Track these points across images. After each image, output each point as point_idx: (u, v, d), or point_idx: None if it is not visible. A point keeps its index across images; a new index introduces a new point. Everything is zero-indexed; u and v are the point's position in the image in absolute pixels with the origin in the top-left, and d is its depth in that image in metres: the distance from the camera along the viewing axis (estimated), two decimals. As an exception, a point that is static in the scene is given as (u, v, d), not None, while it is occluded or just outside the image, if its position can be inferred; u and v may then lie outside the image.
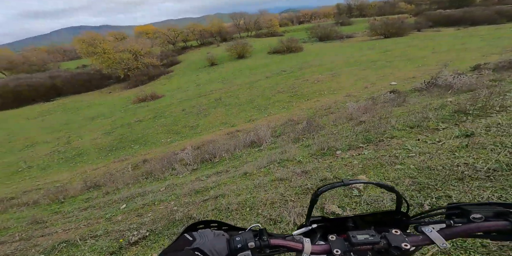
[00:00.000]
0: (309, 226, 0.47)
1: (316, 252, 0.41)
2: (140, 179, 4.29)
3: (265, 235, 0.43)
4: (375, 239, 0.39)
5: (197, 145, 6.84)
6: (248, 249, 0.41)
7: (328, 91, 9.62)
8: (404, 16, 28.15)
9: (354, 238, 0.40)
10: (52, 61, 42.82)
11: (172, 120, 9.58)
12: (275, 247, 0.43)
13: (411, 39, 18.89)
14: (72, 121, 11.72)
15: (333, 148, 3.18)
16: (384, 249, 0.39)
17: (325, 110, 7.36)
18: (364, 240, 0.39)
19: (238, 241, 0.41)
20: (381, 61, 12.04)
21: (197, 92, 13.23)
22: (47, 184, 5.73)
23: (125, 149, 7.97)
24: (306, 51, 22.68)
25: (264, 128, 5.67)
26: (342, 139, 3.44)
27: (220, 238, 0.43)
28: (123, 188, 3.78)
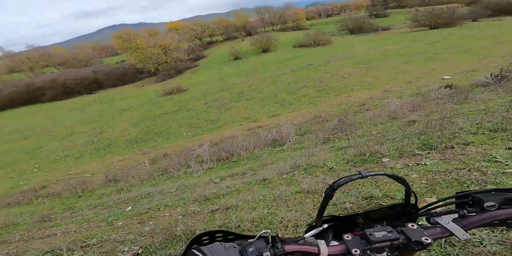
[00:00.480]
0: (321, 227, 0.44)
1: (333, 253, 0.39)
2: (155, 175, 4.14)
3: (278, 242, 0.40)
4: (394, 235, 0.38)
5: (216, 141, 6.58)
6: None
7: (362, 86, 8.59)
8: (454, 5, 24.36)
9: (372, 236, 0.38)
10: (96, 57, 47.21)
11: (194, 114, 9.52)
12: (290, 254, 0.40)
13: (465, 29, 16.18)
14: (106, 113, 12.51)
15: (377, 153, 2.53)
16: (402, 244, 0.38)
17: (358, 107, 6.49)
18: (383, 237, 0.38)
19: (251, 252, 0.38)
20: (428, 53, 10.41)
21: (220, 86, 13.07)
22: (77, 174, 6.00)
23: (149, 142, 8.12)
24: (335, 44, 21.07)
25: (287, 124, 5.12)
26: (388, 143, 2.75)
27: (232, 250, 0.40)
28: (137, 185, 3.62)
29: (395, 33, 21.54)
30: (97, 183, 4.07)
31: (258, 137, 5.08)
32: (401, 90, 7.18)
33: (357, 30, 27.00)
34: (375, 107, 6.18)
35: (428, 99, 5.02)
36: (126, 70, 27.81)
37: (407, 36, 17.73)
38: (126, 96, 17.03)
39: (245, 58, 22.47)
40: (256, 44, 23.75)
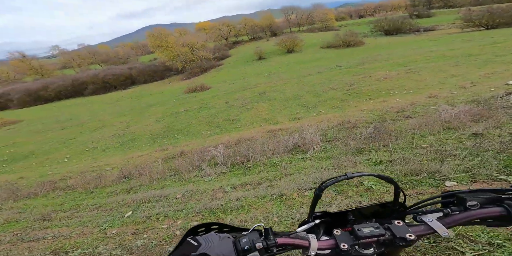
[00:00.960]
0: (313, 222, 0.46)
1: (322, 247, 0.41)
2: (166, 176, 3.92)
3: (271, 234, 0.42)
4: (380, 231, 0.39)
5: (234, 142, 6.26)
6: (255, 250, 0.40)
7: (400, 90, 7.59)
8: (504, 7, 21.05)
9: (359, 232, 0.40)
10: (133, 56, 51.09)
11: (215, 112, 9.37)
12: (281, 246, 0.43)
13: None
14: (135, 107, 13.10)
15: (437, 174, 1.91)
16: (388, 240, 0.39)
17: (396, 113, 5.65)
18: (370, 233, 0.39)
19: (244, 243, 0.41)
20: (486, 55, 8.90)
21: (242, 85, 12.84)
22: (100, 167, 6.13)
23: (169, 138, 8.13)
24: (368, 46, 19.58)
25: (312, 129, 4.56)
26: (449, 160, 2.10)
27: (226, 241, 0.42)
28: (146, 185, 3.42)
29: (442, 34, 19.31)
30: (111, 179, 3.98)
31: (278, 141, 4.61)
32: (453, 96, 6.11)
33: (394, 31, 24.90)
34: (418, 114, 5.29)
35: (492, 108, 4.07)
36: (156, 67, 29.37)
37: (457, 37, 15.69)
38: (154, 92, 17.78)
39: (269, 58, 22.09)
40: (281, 44, 23.23)
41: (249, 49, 28.14)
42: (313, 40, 25.41)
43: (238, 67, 21.46)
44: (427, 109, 5.50)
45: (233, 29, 43.75)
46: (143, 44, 63.44)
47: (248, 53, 26.39)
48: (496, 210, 0.38)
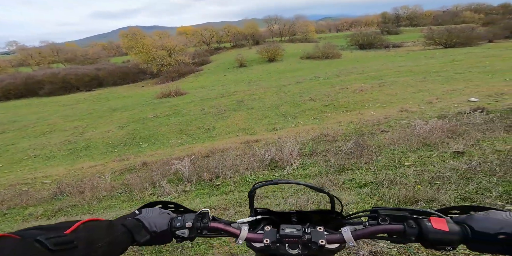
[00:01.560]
0: (254, 217, 0.50)
1: (250, 239, 0.45)
2: (115, 193, 3.21)
3: (206, 217, 0.46)
4: (298, 233, 0.43)
5: (206, 152, 5.69)
6: (185, 228, 0.44)
7: (374, 103, 7.78)
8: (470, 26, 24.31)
9: (282, 231, 0.43)
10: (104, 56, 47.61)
11: (188, 120, 8.69)
12: (215, 230, 0.46)
13: (484, 49, 15.67)
14: (96, 111, 11.74)
15: (434, 202, 1.63)
16: (308, 243, 0.42)
17: (372, 127, 5.63)
18: (290, 233, 0.43)
19: (178, 220, 0.45)
20: (448, 72, 9.71)
21: (221, 92, 12.36)
22: (37, 178, 5.08)
23: (133, 147, 7.23)
24: (344, 58, 20.65)
25: (290, 142, 4.23)
26: (439, 184, 1.86)
27: (165, 216, 0.46)
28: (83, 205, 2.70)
29: (407, 51, 21.18)
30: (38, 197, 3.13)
31: (254, 154, 4.18)
32: (421, 110, 6.34)
33: (367, 46, 26.83)
34: (392, 128, 5.31)
35: (461, 124, 4.16)
36: (129, 70, 27.48)
37: (421, 53, 17.27)
38: (122, 96, 16.37)
39: (250, 66, 22.06)
40: (262, 52, 23.44)
41: (230, 56, 27.96)
42: (294, 50, 26.17)
43: (218, 74, 20.99)
44: (400, 123, 5.58)
45: (216, 35, 43.53)
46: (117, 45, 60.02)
47: (229, 60, 26.15)
48: (397, 227, 0.41)
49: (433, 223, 0.39)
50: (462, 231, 0.37)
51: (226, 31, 43.73)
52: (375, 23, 57.37)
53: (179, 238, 0.44)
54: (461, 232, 0.37)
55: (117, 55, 57.02)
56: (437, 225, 0.38)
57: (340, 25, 65.01)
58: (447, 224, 0.38)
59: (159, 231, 0.43)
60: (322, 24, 71.85)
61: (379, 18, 61.89)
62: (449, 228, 0.38)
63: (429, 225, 0.38)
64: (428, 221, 0.39)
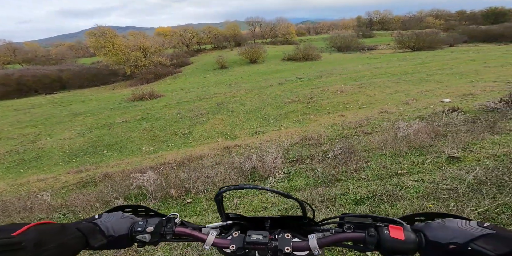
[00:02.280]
0: (224, 222, 0.48)
1: (217, 244, 0.44)
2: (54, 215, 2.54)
3: (171, 222, 0.45)
4: (264, 240, 0.42)
5: (180, 160, 5.10)
6: (146, 233, 0.42)
7: (355, 105, 7.77)
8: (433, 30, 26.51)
9: (248, 237, 0.43)
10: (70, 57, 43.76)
11: (162, 124, 7.94)
12: (181, 235, 0.45)
13: (448, 52, 16.96)
14: (54, 116, 10.35)
15: None
16: (272, 250, 0.42)
17: (355, 129, 5.50)
18: (256, 240, 0.42)
19: (139, 225, 0.43)
20: (420, 74, 10.16)
21: (200, 95, 11.70)
22: None
23: (95, 156, 6.32)
24: (324, 60, 21.12)
25: (273, 148, 3.84)
26: (455, 199, 1.57)
27: (125, 220, 0.44)
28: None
29: (381, 53, 22.30)
30: None
31: (232, 164, 3.72)
32: (400, 111, 6.40)
33: (345, 48, 27.85)
34: (374, 130, 5.22)
35: (442, 125, 4.12)
36: (98, 71, 25.28)
37: (394, 56, 18.20)
38: (88, 99, 14.84)
39: (231, 67, 21.57)
40: (244, 54, 23.11)
41: (211, 58, 27.18)
42: (275, 52, 26.23)
43: (198, 75, 20.17)
44: (382, 124, 5.52)
45: (196, 36, 42.38)
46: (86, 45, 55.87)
47: (210, 62, 25.38)
48: (358, 235, 0.40)
49: (390, 231, 0.38)
50: (417, 239, 0.37)
51: (206, 33, 42.83)
52: (351, 26, 60.54)
53: (140, 242, 0.43)
54: (416, 240, 0.37)
55: (86, 56, 53.05)
56: (394, 233, 0.38)
57: (319, 28, 67.56)
58: (404, 232, 0.38)
59: (117, 236, 0.42)
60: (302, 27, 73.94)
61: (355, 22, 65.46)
62: (405, 237, 0.37)
63: (386, 234, 0.38)
64: (386, 229, 0.39)
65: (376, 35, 40.79)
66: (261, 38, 45.98)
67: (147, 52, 23.14)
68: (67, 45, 56.53)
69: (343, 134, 5.25)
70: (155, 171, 3.13)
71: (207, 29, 43.23)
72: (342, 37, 30.39)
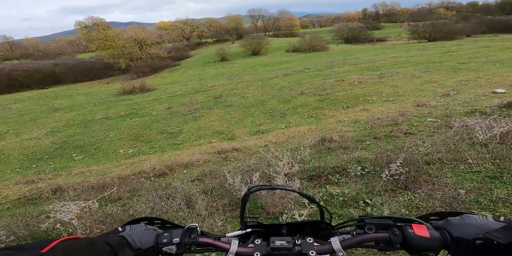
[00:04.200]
0: (244, 230, 0.48)
1: (240, 253, 0.43)
2: None
3: (194, 233, 0.44)
4: (289, 245, 0.42)
5: (160, 170, 3.91)
6: (173, 244, 0.42)
7: (379, 97, 6.43)
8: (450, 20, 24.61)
9: (273, 243, 0.43)
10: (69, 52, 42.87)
11: (148, 121, 6.73)
12: (204, 246, 0.45)
13: (471, 42, 15.26)
14: (31, 112, 9.24)
15: None
16: (298, 255, 0.42)
17: (389, 127, 4.19)
18: (280, 245, 0.42)
19: (165, 236, 0.43)
20: (449, 62, 8.72)
21: (196, 87, 10.43)
22: None
23: (61, 160, 5.17)
24: (332, 51, 19.54)
25: (285, 159, 2.58)
26: None
27: (150, 232, 0.44)
28: None
29: (393, 44, 20.61)
30: None
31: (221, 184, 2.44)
32: (442, 105, 5.05)
33: (353, 40, 26.15)
34: (417, 129, 3.91)
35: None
36: (93, 65, 24.08)
37: (410, 46, 16.62)
38: (76, 93, 13.70)
39: (232, 60, 20.16)
40: (246, 46, 21.62)
41: (212, 51, 25.73)
42: (278, 44, 24.66)
43: (197, 68, 18.83)
44: (425, 121, 4.21)
45: (196, 29, 40.81)
46: (86, 40, 54.43)
47: (210, 54, 23.97)
48: (382, 236, 0.41)
49: (415, 230, 0.40)
50: (442, 236, 0.38)
51: (207, 26, 41.25)
52: (357, 19, 58.08)
53: (166, 254, 0.43)
54: (441, 237, 0.38)
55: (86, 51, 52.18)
56: (419, 231, 0.39)
57: (323, 21, 65.40)
58: (428, 231, 0.39)
59: (145, 248, 0.41)
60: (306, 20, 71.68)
61: (360, 15, 62.93)
62: (430, 234, 0.39)
63: (411, 232, 0.39)
64: (410, 228, 0.40)
65: (384, 27, 39.02)
66: (264, 31, 44.19)
67: (143, 44, 21.77)
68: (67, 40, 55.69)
69: (373, 134, 3.96)
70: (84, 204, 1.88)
71: (208, 22, 41.64)
72: (350, 28, 28.61)
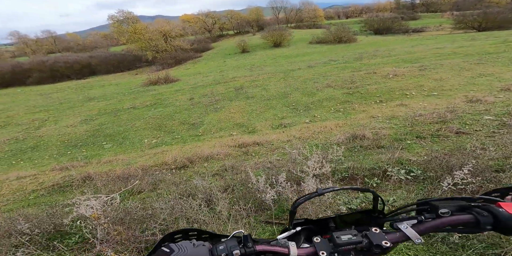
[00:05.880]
0: (293, 229, 0.46)
1: (302, 255, 0.41)
2: None
3: (249, 241, 0.41)
4: (357, 239, 0.40)
5: (181, 162, 3.87)
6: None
7: (419, 91, 5.71)
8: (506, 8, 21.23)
9: (338, 239, 0.40)
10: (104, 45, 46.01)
11: (171, 112, 6.83)
12: (261, 253, 0.42)
13: None
14: (69, 101, 9.98)
15: None
16: (366, 248, 0.40)
17: (434, 125, 3.65)
18: (348, 240, 0.40)
19: (221, 250, 0.39)
20: (508, 54, 7.44)
21: (217, 79, 10.36)
22: None
23: (93, 147, 5.46)
24: (360, 43, 18.10)
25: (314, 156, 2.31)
26: None
27: (201, 248, 0.40)
28: None
29: (434, 35, 18.43)
30: None
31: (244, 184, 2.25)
32: (502, 101, 4.28)
33: (385, 31, 23.98)
34: (472, 128, 3.33)
35: None
36: (124, 57, 25.44)
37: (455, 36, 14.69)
38: (108, 84, 14.54)
39: (253, 51, 19.76)
40: (267, 37, 20.99)
41: (233, 43, 25.49)
42: (301, 35, 23.55)
43: (218, 60, 18.81)
44: (481, 120, 3.58)
45: (218, 21, 40.78)
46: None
47: (231, 46, 23.78)
48: (466, 218, 0.39)
49: (506, 208, 0.36)
50: None
51: (229, 17, 40.96)
52: (388, 9, 53.08)
53: None
54: None
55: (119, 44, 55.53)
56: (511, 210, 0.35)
57: (350, 12, 61.07)
58: None
59: None
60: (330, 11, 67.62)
61: (393, 5, 57.36)
62: None
63: (503, 211, 0.36)
64: (499, 207, 0.36)
65: (422, 17, 35.28)
66: (285, 23, 42.59)
67: (167, 37, 22.29)
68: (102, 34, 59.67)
69: (415, 133, 3.48)
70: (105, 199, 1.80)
71: (229, 14, 41.28)
72: (381, 19, 26.20)
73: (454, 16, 20.77)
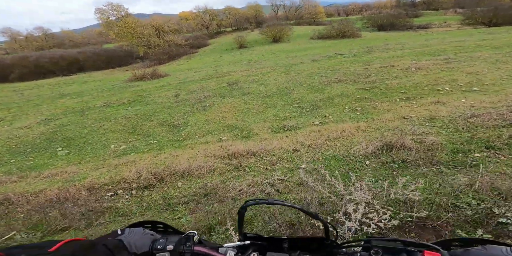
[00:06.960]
0: (242, 242, 0.47)
1: None
2: None
3: (191, 241, 0.44)
4: None
5: (147, 179, 2.76)
6: (166, 251, 0.42)
7: (454, 86, 4.64)
8: None
9: None
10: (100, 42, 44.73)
11: (149, 111, 5.67)
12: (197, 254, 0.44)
13: None
14: (40, 98, 8.79)
15: None
16: None
17: (500, 129, 2.57)
18: None
19: (159, 243, 0.43)
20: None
21: (209, 74, 9.22)
22: None
23: (44, 155, 4.30)
24: (365, 38, 17.07)
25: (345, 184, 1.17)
26: None
27: (147, 237, 0.44)
28: None
29: (442, 31, 17.47)
30: None
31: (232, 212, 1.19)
32: None
33: (388, 27, 23.02)
34: None
35: None
36: (114, 53, 24.17)
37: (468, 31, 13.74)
38: (92, 80, 13.31)
39: (251, 47, 18.62)
40: (266, 32, 19.86)
41: (230, 39, 24.30)
42: (301, 32, 22.46)
43: (213, 55, 17.64)
44: None
45: (216, 17, 39.56)
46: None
47: (228, 42, 22.61)
48: None
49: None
50: None
51: (227, 14, 39.77)
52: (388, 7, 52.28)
53: None
54: None
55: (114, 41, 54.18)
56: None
57: (350, 10, 60.36)
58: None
59: (139, 253, 0.41)
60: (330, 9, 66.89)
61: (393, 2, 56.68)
62: None
63: None
64: (421, 255, 0.37)
65: (424, 15, 34.69)
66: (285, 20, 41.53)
67: (160, 31, 21.00)
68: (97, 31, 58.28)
69: (481, 140, 2.41)
70: None
71: (227, 10, 40.08)
72: (385, 15, 25.30)
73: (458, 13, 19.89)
